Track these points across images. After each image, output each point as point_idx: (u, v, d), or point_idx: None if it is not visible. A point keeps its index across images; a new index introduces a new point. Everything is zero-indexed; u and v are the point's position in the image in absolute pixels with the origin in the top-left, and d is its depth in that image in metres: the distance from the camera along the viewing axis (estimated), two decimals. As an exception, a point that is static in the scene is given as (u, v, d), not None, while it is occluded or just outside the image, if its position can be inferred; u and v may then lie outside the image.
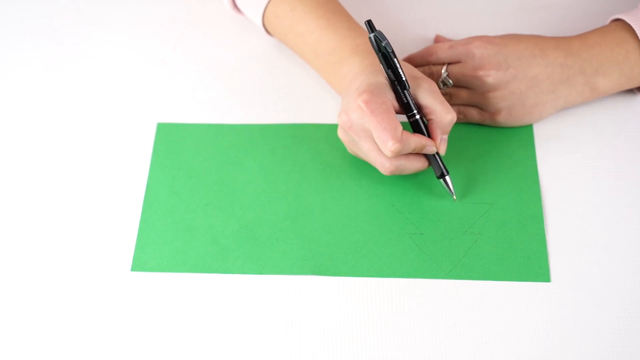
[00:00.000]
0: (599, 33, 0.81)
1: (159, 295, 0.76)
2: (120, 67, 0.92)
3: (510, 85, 0.80)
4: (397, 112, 0.76)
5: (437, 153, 0.77)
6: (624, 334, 0.71)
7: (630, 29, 0.80)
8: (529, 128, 0.84)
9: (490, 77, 0.80)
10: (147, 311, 0.75)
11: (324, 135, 0.85)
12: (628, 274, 0.74)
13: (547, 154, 0.82)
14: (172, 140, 0.86)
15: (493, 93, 0.80)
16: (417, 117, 0.76)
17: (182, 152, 0.85)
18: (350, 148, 0.80)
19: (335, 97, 0.88)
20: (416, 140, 0.75)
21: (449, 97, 0.83)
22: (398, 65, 0.75)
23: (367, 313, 0.74)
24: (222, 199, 0.81)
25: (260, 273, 0.77)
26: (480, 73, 0.80)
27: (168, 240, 0.79)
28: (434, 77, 0.83)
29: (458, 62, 0.82)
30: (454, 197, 0.79)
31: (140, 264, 0.78)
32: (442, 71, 0.83)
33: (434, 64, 0.84)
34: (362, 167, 0.82)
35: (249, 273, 0.77)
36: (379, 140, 0.73)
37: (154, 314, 0.75)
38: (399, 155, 0.75)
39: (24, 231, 0.80)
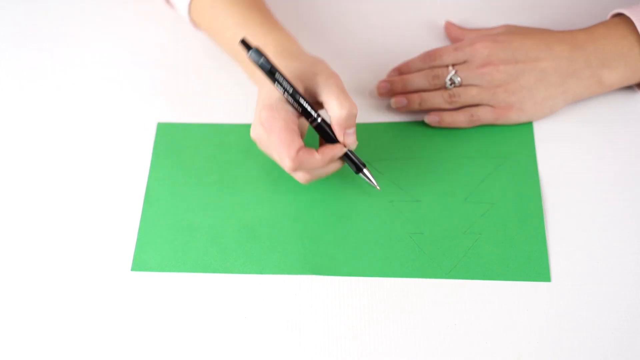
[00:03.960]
0: (603, 27, 0.82)
1: (159, 295, 0.76)
2: (120, 67, 0.92)
3: (519, 79, 0.80)
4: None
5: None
6: (624, 334, 0.71)
7: (631, 24, 0.81)
8: (529, 128, 0.83)
9: (500, 71, 0.80)
10: (147, 311, 0.75)
11: (324, 135, 0.85)
12: (628, 274, 0.74)
13: (547, 154, 0.82)
14: (172, 140, 0.86)
15: (503, 87, 0.81)
16: (319, 120, 0.73)
17: (182, 152, 0.85)
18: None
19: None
20: (318, 158, 0.72)
21: (458, 97, 0.82)
22: (282, 78, 0.71)
23: (367, 313, 0.74)
24: (222, 199, 0.81)
25: (261, 273, 0.77)
26: (490, 68, 0.80)
27: (168, 240, 0.79)
28: (440, 79, 0.83)
29: (464, 62, 0.82)
30: (377, 187, 0.77)
31: (140, 263, 0.78)
32: (449, 68, 0.82)
33: (438, 67, 0.84)
34: (362, 167, 0.82)
35: (249, 273, 0.77)
36: (277, 158, 0.73)
37: (154, 314, 0.75)
38: (302, 170, 0.73)
39: (24, 231, 0.80)
